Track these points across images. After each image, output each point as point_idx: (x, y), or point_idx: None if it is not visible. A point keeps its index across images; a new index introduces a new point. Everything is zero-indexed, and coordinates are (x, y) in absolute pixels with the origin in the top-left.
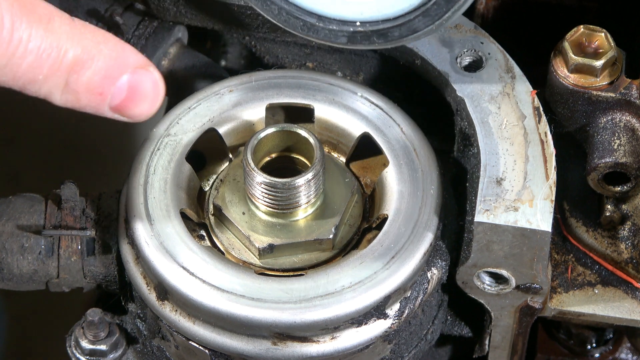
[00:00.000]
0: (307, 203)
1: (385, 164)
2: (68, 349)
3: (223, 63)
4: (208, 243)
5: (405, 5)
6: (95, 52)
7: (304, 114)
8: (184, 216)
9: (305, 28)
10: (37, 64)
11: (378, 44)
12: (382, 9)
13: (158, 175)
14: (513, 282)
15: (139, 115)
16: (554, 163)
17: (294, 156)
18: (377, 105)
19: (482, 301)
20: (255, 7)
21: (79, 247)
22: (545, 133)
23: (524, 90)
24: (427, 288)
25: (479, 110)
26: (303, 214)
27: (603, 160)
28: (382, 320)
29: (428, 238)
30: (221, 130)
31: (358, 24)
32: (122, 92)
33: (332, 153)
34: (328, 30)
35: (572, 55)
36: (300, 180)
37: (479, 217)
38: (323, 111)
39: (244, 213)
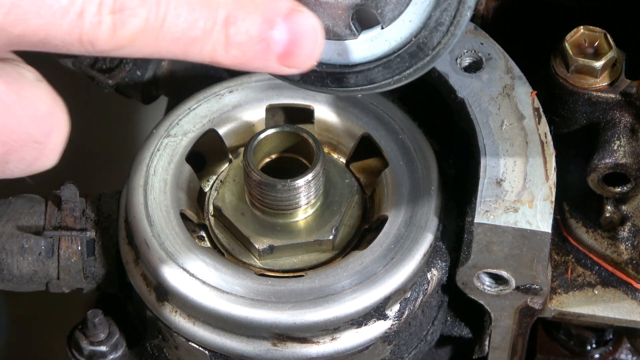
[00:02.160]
0: (307, 204)
1: (385, 164)
2: (68, 350)
3: None
4: (208, 244)
5: (367, 54)
6: (247, 2)
7: (303, 115)
8: (183, 217)
9: None
10: (191, 22)
11: (331, 88)
12: (342, 53)
13: (158, 176)
14: (513, 283)
15: (305, 59)
16: (553, 164)
17: (294, 157)
18: (376, 106)
19: (482, 302)
20: None
21: (79, 248)
22: (545, 134)
23: (524, 91)
24: (427, 289)
25: (479, 111)
26: (303, 215)
27: (603, 161)
28: (382, 321)
29: (428, 239)
30: (221, 131)
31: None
32: (283, 37)
33: (332, 154)
34: None
35: (572, 56)
36: (300, 181)
37: (478, 218)
38: (323, 111)
39: (243, 214)
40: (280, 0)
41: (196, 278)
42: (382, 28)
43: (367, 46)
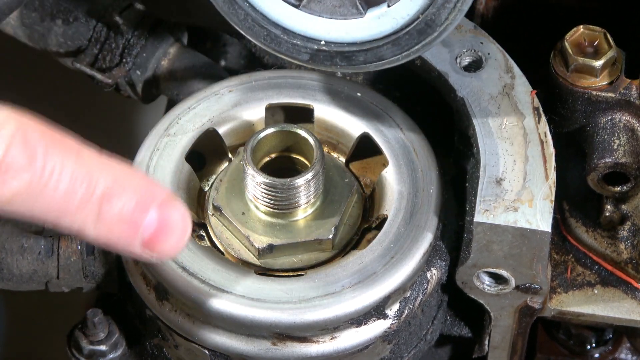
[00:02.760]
0: (306, 203)
1: (384, 164)
2: (68, 349)
3: (223, 63)
4: (208, 243)
5: (375, 31)
6: (126, 183)
7: (303, 114)
8: None
9: (268, 39)
10: (70, 192)
11: (340, 66)
12: (350, 32)
13: (158, 175)
14: (513, 282)
15: (168, 250)
16: (553, 163)
17: (294, 156)
18: (376, 105)
19: (481, 301)
20: (221, 10)
21: (79, 247)
22: (545, 133)
23: (524, 90)
24: (426, 288)
25: (479, 110)
26: (303, 214)
27: (603, 160)
28: (382, 320)
29: (428, 238)
30: (221, 130)
31: (323, 42)
32: (152, 224)
33: (332, 153)
34: (291, 44)
35: (572, 55)
36: (300, 181)
37: (478, 217)
38: (323, 111)
39: (243, 213)
40: (158, 187)
41: (196, 277)
42: (389, 6)
43: (374, 24)
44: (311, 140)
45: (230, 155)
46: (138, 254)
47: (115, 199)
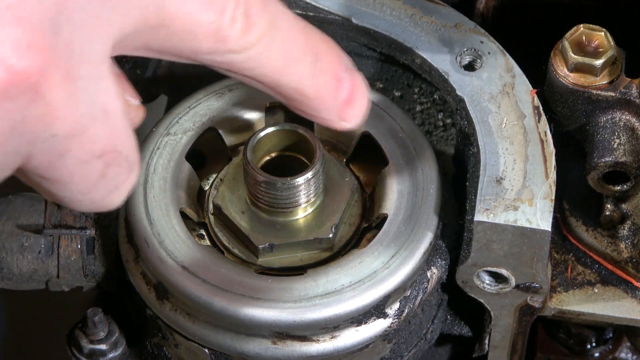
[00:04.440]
0: (307, 202)
1: (385, 163)
2: (68, 348)
3: None
4: (208, 242)
5: None
6: (328, 40)
7: None
8: (183, 215)
9: None
10: (296, 40)
11: None
12: None
13: (158, 174)
14: (513, 282)
15: (357, 114)
16: (553, 162)
17: (294, 155)
18: (376, 105)
19: (481, 300)
20: None
21: (79, 246)
22: (545, 132)
23: (524, 89)
24: (426, 287)
25: (479, 109)
26: (303, 213)
27: (603, 160)
28: (382, 319)
29: (428, 237)
30: (221, 129)
31: None
32: (348, 82)
33: (332, 152)
34: None
35: (572, 55)
36: (300, 180)
37: (478, 217)
38: None
39: (243, 212)
40: (345, 54)
41: (196, 276)
42: None
43: None
44: (311, 139)
45: (230, 155)
46: (335, 118)
47: (325, 53)
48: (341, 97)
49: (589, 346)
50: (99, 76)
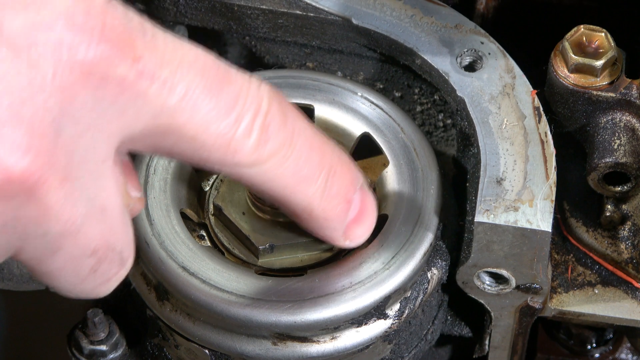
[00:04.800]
0: None
1: (385, 163)
2: (68, 349)
3: None
4: (208, 243)
5: None
6: (341, 159)
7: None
8: (184, 216)
9: None
10: (310, 158)
11: None
12: None
13: (158, 175)
14: (513, 282)
15: (362, 234)
16: (554, 163)
17: None
18: (377, 105)
19: (482, 301)
20: None
21: None
22: (546, 133)
23: (524, 90)
24: (427, 288)
25: (479, 110)
26: None
27: (603, 160)
28: (382, 320)
29: (428, 238)
30: None
31: None
32: (357, 203)
33: None
34: None
35: (572, 55)
36: None
37: (479, 217)
38: (323, 111)
39: (244, 213)
40: (359, 172)
41: (196, 277)
42: None
43: None
44: None
45: None
46: (340, 237)
47: (337, 174)
48: (349, 218)
49: (589, 347)
50: (100, 175)
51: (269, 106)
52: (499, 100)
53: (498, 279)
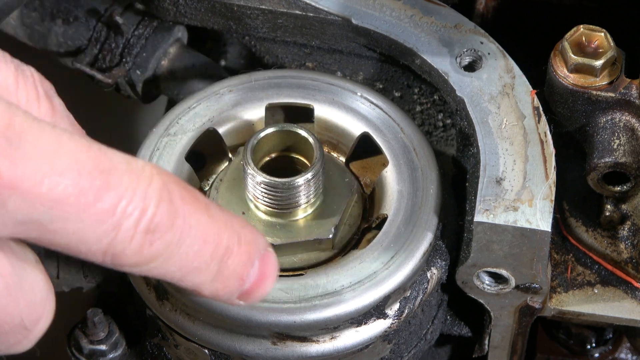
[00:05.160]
0: (306, 203)
1: (384, 163)
2: (68, 348)
3: (223, 63)
4: None
5: None
6: (241, 237)
7: (303, 114)
8: None
9: None
10: (202, 251)
11: None
12: None
13: None
14: (513, 282)
15: (257, 298)
16: (553, 163)
17: (294, 156)
18: (376, 105)
19: (481, 301)
20: None
21: None
22: (545, 133)
23: (524, 90)
24: (426, 288)
25: (479, 110)
26: (303, 213)
27: (603, 160)
28: (382, 320)
29: (428, 238)
30: (221, 130)
31: None
32: (254, 275)
33: (332, 153)
34: None
35: (572, 55)
36: (300, 180)
37: (478, 217)
38: (323, 111)
39: (243, 213)
40: (261, 238)
41: None
42: None
43: None
44: (311, 140)
45: (230, 155)
46: (230, 302)
47: (233, 256)
48: (243, 289)
49: (588, 346)
50: None
51: (157, 208)
52: (498, 100)
53: (497, 278)
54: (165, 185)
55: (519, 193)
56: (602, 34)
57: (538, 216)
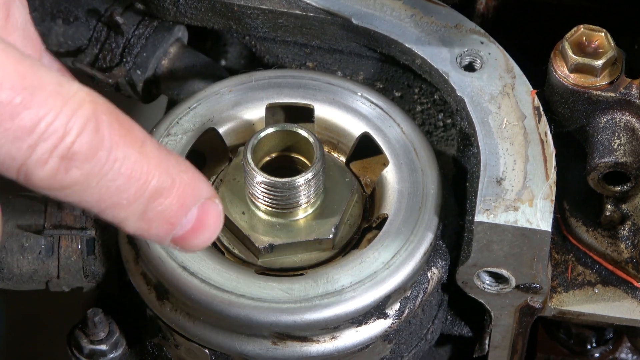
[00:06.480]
0: (307, 203)
1: (385, 163)
2: (68, 348)
3: (223, 63)
4: None
5: None
6: (177, 180)
7: (304, 114)
8: None
9: None
10: (125, 187)
11: None
12: None
13: None
14: (513, 282)
15: (195, 247)
16: (554, 163)
17: (294, 156)
18: (377, 105)
19: (482, 301)
20: None
21: (79, 246)
22: (545, 133)
23: (524, 90)
24: (427, 288)
25: (479, 110)
26: (303, 213)
27: (603, 160)
28: (382, 319)
29: (428, 238)
30: (221, 130)
31: None
32: (189, 223)
33: (332, 153)
34: None
35: (572, 55)
36: (300, 180)
37: (479, 217)
38: (323, 111)
39: (244, 213)
40: (204, 186)
41: (196, 277)
42: None
43: None
44: (311, 140)
45: (230, 155)
46: (165, 244)
47: (163, 198)
48: (171, 235)
49: (589, 346)
50: None
51: (77, 136)
52: (498, 100)
53: (498, 278)
54: (94, 113)
55: (519, 193)
56: (603, 34)
57: (538, 216)
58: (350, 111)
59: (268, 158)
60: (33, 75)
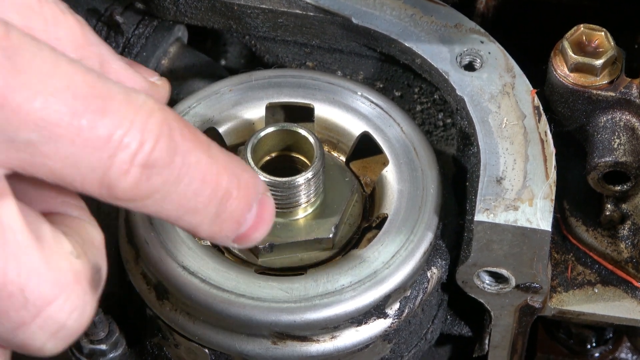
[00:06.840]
0: (307, 202)
1: (385, 163)
2: (68, 348)
3: (223, 62)
4: (208, 242)
5: None
6: (240, 180)
7: (304, 113)
8: None
9: None
10: (200, 190)
11: None
12: None
13: None
14: (513, 282)
15: (253, 242)
16: (553, 162)
17: (294, 155)
18: (376, 105)
19: (482, 300)
20: None
21: None
22: (545, 132)
23: (524, 89)
24: (427, 287)
25: (479, 109)
26: (303, 213)
27: (603, 160)
28: (382, 319)
29: (428, 237)
30: (221, 129)
31: None
32: (251, 219)
33: (332, 152)
34: None
35: (572, 54)
36: (300, 179)
37: (478, 217)
38: (323, 110)
39: None
40: (260, 182)
41: (196, 276)
42: None
43: None
44: (311, 139)
45: None
46: (225, 244)
47: (232, 199)
48: (239, 233)
49: (589, 346)
50: None
51: (155, 142)
52: (498, 99)
53: (498, 278)
54: (165, 120)
55: (519, 192)
56: (603, 33)
57: (538, 215)
58: (350, 111)
59: (268, 157)
60: (102, 86)
